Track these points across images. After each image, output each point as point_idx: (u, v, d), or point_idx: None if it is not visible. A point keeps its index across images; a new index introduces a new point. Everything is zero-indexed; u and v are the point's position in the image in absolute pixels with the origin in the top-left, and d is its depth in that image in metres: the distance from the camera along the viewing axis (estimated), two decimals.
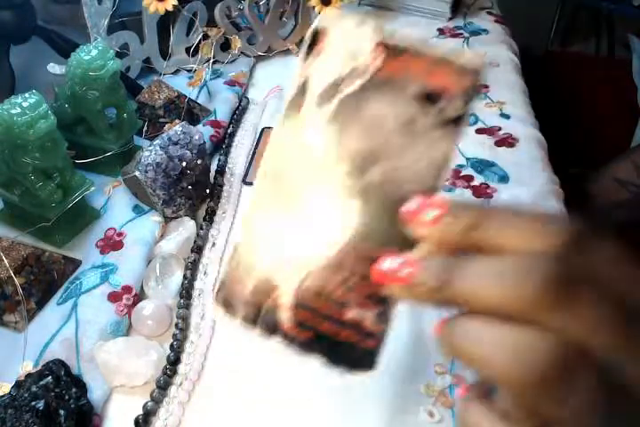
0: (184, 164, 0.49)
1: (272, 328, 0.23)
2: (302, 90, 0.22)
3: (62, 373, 0.38)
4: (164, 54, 0.67)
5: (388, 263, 0.20)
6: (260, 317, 0.23)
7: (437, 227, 0.20)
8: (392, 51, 0.21)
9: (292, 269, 0.22)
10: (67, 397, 0.36)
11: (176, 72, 0.69)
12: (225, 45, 0.69)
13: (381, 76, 0.21)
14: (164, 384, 0.40)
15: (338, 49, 0.22)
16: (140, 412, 0.38)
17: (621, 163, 0.52)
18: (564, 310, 0.18)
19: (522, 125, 0.65)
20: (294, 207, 0.22)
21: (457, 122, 0.21)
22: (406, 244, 0.20)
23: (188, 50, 0.68)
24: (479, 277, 0.19)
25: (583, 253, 0.19)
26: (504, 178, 0.58)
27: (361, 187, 0.22)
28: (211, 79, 0.67)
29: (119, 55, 0.56)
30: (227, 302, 0.23)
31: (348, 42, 0.22)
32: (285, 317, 0.22)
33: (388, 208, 0.21)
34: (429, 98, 0.21)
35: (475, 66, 0.20)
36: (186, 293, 0.46)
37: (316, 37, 0.23)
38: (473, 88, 0.21)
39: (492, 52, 0.77)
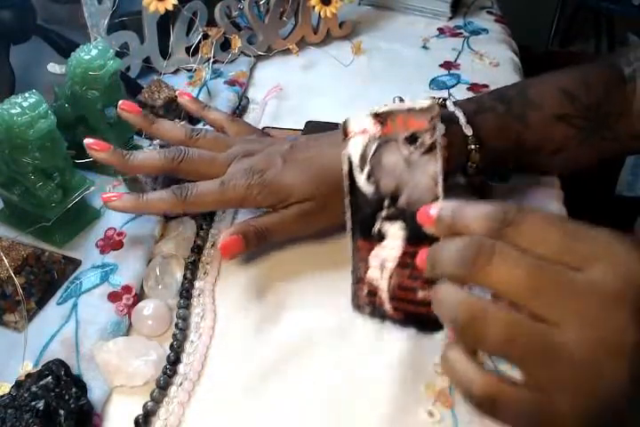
0: None
1: (382, 317, 0.33)
2: (350, 163, 0.35)
3: (62, 373, 0.38)
4: (164, 54, 0.67)
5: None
6: (375, 311, 0.33)
7: (434, 227, 0.29)
8: (384, 118, 0.32)
9: (382, 273, 0.32)
10: (67, 397, 0.36)
11: (176, 72, 0.69)
12: (225, 45, 0.69)
13: (384, 137, 0.32)
14: (163, 384, 0.40)
15: (357, 130, 0.34)
16: (140, 412, 0.38)
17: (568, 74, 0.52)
18: (484, 274, 0.26)
19: None
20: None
21: (433, 147, 0.30)
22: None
23: (188, 49, 0.68)
24: (443, 253, 0.28)
25: (510, 226, 0.26)
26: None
27: (398, 211, 0.32)
28: (211, 79, 0.67)
29: (119, 55, 0.56)
30: (358, 306, 0.34)
31: (359, 124, 0.34)
32: (387, 307, 0.32)
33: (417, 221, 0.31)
34: (413, 139, 0.31)
35: (428, 106, 0.30)
36: (186, 293, 0.46)
37: (345, 130, 0.35)
38: (433, 121, 0.30)
39: (492, 52, 0.77)
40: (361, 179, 0.33)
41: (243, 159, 0.46)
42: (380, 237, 0.33)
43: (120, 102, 0.50)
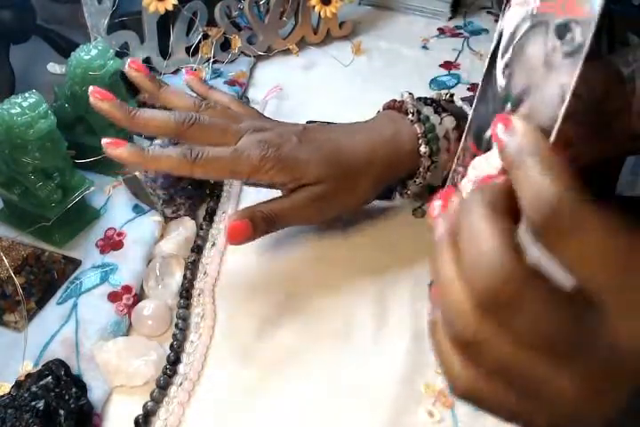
0: None
1: None
2: (497, 43, 0.28)
3: (62, 373, 0.38)
4: (164, 54, 0.67)
5: None
6: None
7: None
8: None
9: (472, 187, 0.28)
10: (67, 397, 0.36)
11: (176, 72, 0.69)
12: (225, 45, 0.69)
13: (540, 15, 0.25)
14: (163, 384, 0.40)
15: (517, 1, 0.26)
16: (140, 412, 0.38)
17: None
18: (559, 245, 0.21)
19: None
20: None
21: (579, 50, 0.22)
22: None
23: (188, 49, 0.68)
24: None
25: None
26: None
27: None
28: (211, 79, 0.67)
29: (119, 55, 0.56)
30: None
31: None
32: None
33: None
34: (564, 30, 0.23)
35: None
36: (186, 293, 0.46)
37: None
38: (593, 12, 0.21)
39: None
40: (499, 66, 0.28)
41: (257, 133, 0.44)
42: (488, 145, 0.28)
43: (129, 60, 0.47)
